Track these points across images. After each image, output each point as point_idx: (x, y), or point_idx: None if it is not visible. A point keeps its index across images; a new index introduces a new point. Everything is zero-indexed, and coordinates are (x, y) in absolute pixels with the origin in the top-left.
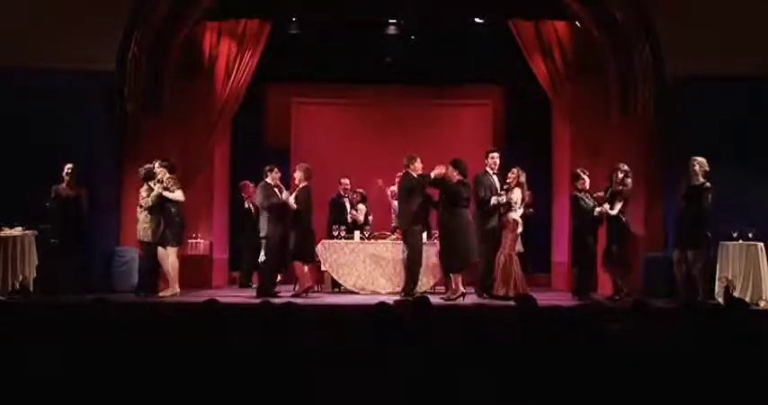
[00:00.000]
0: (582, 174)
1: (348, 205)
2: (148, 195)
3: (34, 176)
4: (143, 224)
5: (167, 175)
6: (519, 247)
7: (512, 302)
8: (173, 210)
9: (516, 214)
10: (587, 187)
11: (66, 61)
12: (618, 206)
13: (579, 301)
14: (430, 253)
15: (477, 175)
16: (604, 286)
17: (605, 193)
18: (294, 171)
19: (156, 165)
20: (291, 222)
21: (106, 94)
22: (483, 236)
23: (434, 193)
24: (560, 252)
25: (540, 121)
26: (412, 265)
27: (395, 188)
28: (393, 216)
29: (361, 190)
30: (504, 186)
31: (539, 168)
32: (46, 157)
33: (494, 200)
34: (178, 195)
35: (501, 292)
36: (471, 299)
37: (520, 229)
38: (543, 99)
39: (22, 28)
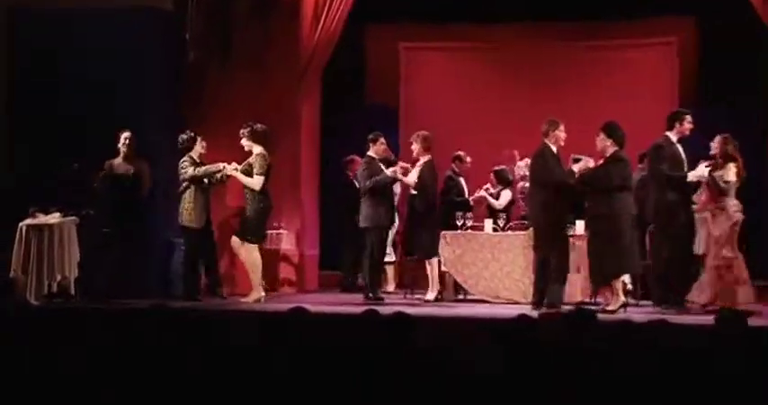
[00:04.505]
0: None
1: (464, 184)
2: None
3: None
4: (184, 204)
5: (257, 149)
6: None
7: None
8: (256, 196)
9: (733, 200)
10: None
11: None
12: None
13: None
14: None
15: (658, 144)
16: None
17: None
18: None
19: (242, 132)
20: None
21: (164, 40)
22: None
23: None
24: None
25: (749, 66)
26: (553, 270)
27: None
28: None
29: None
30: (704, 163)
31: (747, 135)
32: (86, 124)
33: (692, 176)
34: (255, 182)
35: (702, 301)
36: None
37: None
38: (756, 34)
39: None
